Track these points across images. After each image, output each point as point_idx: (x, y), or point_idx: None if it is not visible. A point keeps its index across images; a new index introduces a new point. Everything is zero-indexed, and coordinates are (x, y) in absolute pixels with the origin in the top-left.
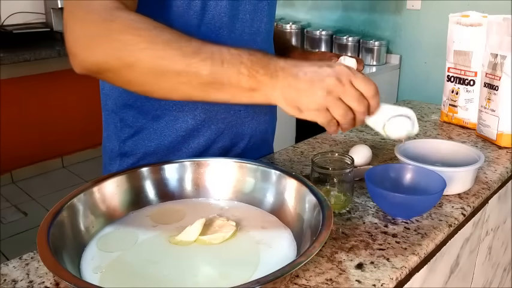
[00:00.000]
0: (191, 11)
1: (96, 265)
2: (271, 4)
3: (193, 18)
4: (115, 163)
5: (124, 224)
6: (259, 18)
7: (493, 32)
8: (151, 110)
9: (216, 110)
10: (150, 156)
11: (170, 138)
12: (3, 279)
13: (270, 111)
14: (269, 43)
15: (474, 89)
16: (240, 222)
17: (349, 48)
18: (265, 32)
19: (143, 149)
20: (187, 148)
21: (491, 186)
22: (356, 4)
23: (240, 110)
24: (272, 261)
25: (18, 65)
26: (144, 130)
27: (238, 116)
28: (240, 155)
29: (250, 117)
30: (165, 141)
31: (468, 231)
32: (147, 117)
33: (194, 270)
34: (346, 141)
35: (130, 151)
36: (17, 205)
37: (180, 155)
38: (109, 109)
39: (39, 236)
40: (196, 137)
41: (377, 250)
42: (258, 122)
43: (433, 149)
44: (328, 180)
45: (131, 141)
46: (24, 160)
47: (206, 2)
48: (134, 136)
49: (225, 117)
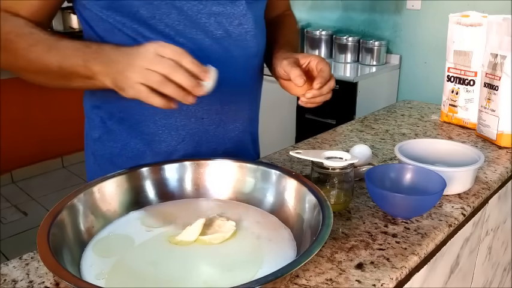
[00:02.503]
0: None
1: (97, 272)
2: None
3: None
4: (90, 161)
5: (117, 227)
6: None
7: (493, 32)
8: (116, 113)
9: (175, 116)
10: (116, 157)
11: (135, 140)
12: (3, 279)
13: (242, 118)
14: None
15: (474, 89)
16: (240, 222)
17: (349, 48)
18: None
19: (109, 150)
20: (151, 153)
21: (491, 186)
22: (356, 4)
23: (202, 118)
24: (272, 261)
25: None
26: (110, 132)
27: (201, 124)
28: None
29: (215, 125)
30: (130, 144)
31: (468, 231)
32: (113, 119)
33: (198, 271)
34: (346, 141)
35: (99, 150)
36: (17, 205)
37: (145, 158)
38: (85, 108)
39: (39, 236)
40: (158, 142)
41: (377, 250)
42: (225, 129)
43: (433, 149)
44: (328, 180)
45: (99, 142)
46: (24, 160)
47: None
48: (102, 137)
49: (185, 124)
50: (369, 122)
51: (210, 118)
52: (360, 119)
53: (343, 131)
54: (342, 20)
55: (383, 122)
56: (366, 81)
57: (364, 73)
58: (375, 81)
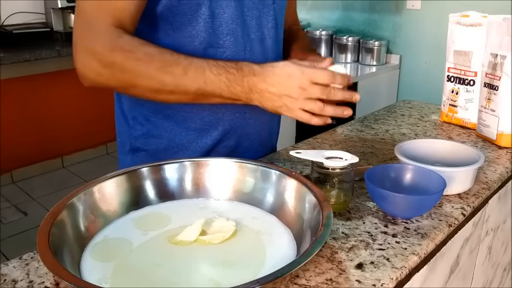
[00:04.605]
0: (200, 18)
1: (99, 277)
2: (278, 10)
3: (201, 25)
4: (127, 157)
5: (113, 231)
6: (264, 24)
7: (493, 32)
8: (162, 110)
9: (222, 112)
10: (160, 153)
11: (180, 136)
12: (3, 279)
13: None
14: (275, 47)
15: (474, 89)
16: (240, 222)
17: (349, 48)
18: (271, 37)
19: (154, 146)
20: (195, 147)
21: (491, 186)
22: (356, 4)
23: (245, 112)
24: (272, 261)
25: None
26: (155, 129)
27: (244, 118)
28: (244, 154)
29: (254, 119)
30: (175, 139)
31: (468, 231)
32: (158, 116)
33: (202, 270)
34: (346, 141)
35: (141, 147)
36: (17, 205)
37: (189, 153)
38: (122, 106)
39: (39, 236)
40: (203, 137)
41: (377, 250)
42: (262, 122)
43: (433, 149)
44: (328, 180)
45: (142, 138)
46: (24, 160)
47: (213, 10)
48: (145, 134)
49: (231, 119)
50: (369, 122)
51: (251, 112)
52: (360, 119)
53: (343, 131)
54: (342, 20)
55: (383, 122)
56: (366, 81)
57: (364, 73)
58: (375, 81)
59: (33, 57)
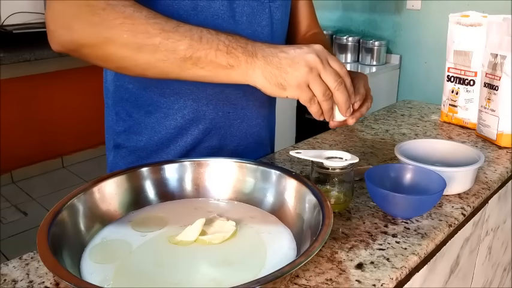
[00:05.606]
0: (181, 10)
1: (101, 279)
2: (275, 9)
3: (183, 18)
4: (110, 154)
5: (111, 233)
6: (257, 22)
7: (493, 32)
8: (143, 106)
9: (204, 110)
10: (140, 150)
11: (160, 134)
12: (3, 279)
13: (262, 115)
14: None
15: (474, 89)
16: (240, 222)
17: (349, 48)
18: (264, 35)
19: (134, 143)
20: (175, 145)
21: (491, 186)
22: (356, 4)
23: (228, 112)
24: (272, 261)
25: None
26: (136, 125)
27: (227, 118)
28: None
29: (240, 120)
30: (154, 137)
31: (468, 231)
32: (140, 112)
33: (203, 270)
34: (346, 141)
35: (122, 144)
36: (17, 205)
37: (168, 151)
38: (108, 102)
39: (39, 236)
40: (184, 135)
41: (377, 250)
42: (249, 125)
43: (433, 149)
44: (328, 180)
45: (124, 135)
46: (24, 160)
47: (197, 3)
48: (127, 130)
49: (213, 118)
50: (369, 122)
51: (236, 113)
52: (360, 119)
53: (343, 131)
54: (342, 20)
55: (383, 122)
56: None
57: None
58: (375, 81)
59: (33, 57)
